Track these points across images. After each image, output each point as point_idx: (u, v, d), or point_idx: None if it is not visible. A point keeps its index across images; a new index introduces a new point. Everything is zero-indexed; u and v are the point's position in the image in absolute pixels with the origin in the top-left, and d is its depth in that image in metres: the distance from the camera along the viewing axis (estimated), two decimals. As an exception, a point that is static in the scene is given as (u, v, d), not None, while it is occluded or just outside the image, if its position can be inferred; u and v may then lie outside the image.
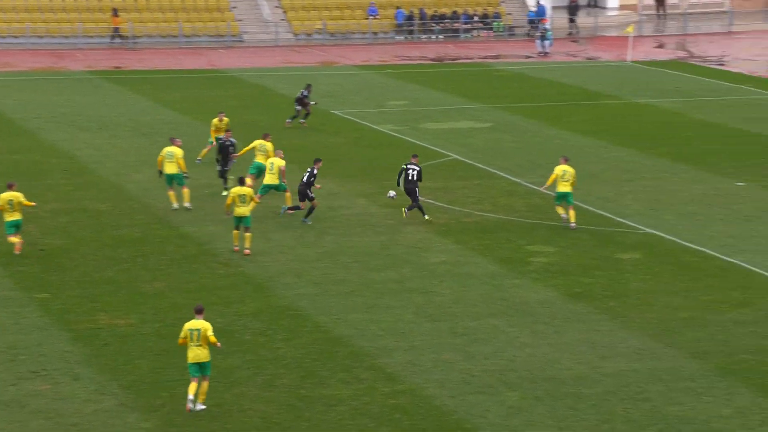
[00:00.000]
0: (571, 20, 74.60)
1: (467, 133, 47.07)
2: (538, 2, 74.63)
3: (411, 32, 73.35)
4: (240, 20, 72.41)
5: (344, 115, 50.61)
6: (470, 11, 74.42)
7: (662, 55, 67.73)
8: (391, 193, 35.25)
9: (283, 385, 23.65)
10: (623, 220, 34.73)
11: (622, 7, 80.00)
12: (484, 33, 74.08)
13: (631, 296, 28.59)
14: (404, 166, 34.83)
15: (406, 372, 24.34)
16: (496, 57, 67.26)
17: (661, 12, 79.95)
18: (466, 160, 42.35)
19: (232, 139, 37.60)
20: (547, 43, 68.01)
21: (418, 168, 34.64)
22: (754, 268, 30.31)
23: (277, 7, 73.71)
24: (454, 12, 74.18)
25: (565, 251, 31.91)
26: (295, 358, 24.98)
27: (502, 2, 75.39)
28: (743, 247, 32.03)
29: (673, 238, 32.99)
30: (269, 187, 34.85)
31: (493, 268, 30.62)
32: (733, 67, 62.81)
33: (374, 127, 48.22)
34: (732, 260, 31.04)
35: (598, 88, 56.85)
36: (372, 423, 22.17)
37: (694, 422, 22.01)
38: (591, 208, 35.97)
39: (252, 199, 31.71)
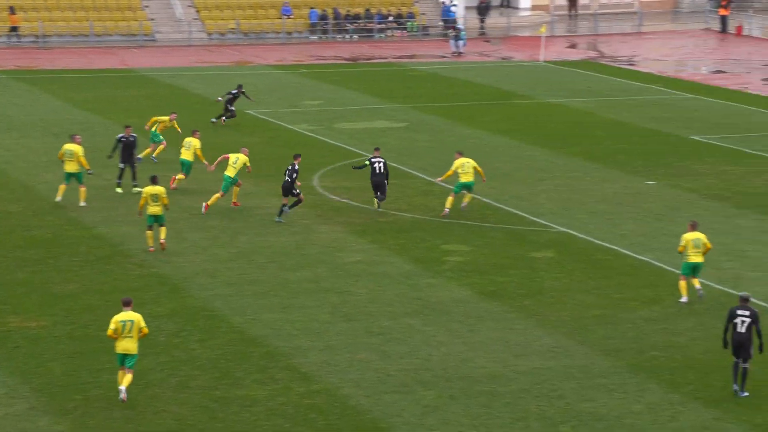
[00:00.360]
0: (481, 20, 75.04)
1: (382, 132, 47.16)
2: (451, 2, 74.98)
3: (325, 32, 73.31)
4: (152, 19, 71.84)
5: (258, 114, 50.43)
6: (384, 11, 74.55)
7: (574, 55, 68.41)
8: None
9: (198, 387, 23.51)
10: (537, 219, 35.02)
11: (534, 8, 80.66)
12: (398, 33, 74.26)
13: (545, 294, 28.84)
14: (368, 161, 35.35)
15: (322, 372, 24.32)
16: (411, 57, 67.47)
17: (573, 12, 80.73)
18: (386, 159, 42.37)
19: (133, 135, 37.46)
20: (461, 43, 68.36)
21: (383, 160, 35.32)
22: (663, 266, 30.73)
23: (189, 6, 73.24)
24: (368, 12, 74.26)
25: (480, 250, 32.11)
26: (210, 359, 24.85)
27: (416, 2, 75.62)
28: (653, 246, 32.45)
29: (586, 237, 33.34)
30: (231, 181, 35.19)
31: (409, 268, 30.71)
32: (643, 67, 63.62)
33: (289, 126, 48.12)
34: (642, 258, 31.44)
35: (512, 87, 57.27)
36: (287, 423, 22.13)
37: (606, 419, 22.26)
38: (505, 207, 36.22)
39: (163, 198, 31.59)
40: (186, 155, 37.55)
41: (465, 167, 34.88)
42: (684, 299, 28.14)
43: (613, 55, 67.75)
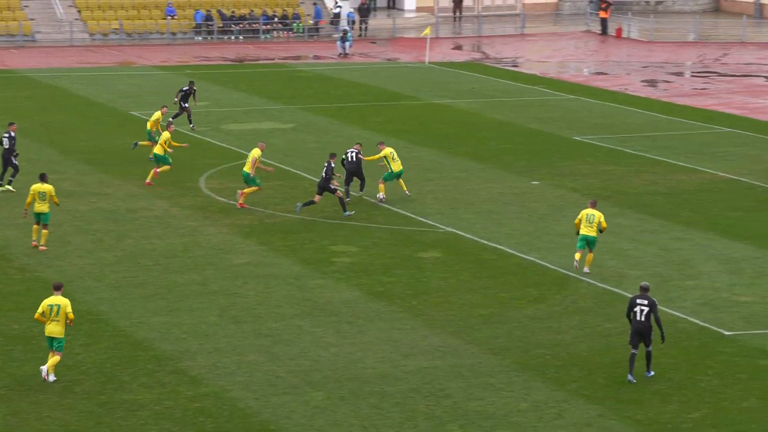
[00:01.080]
0: (363, 22, 75.26)
1: (269, 133, 47.01)
2: (336, 3, 75.08)
3: (210, 33, 72.85)
4: (32, 19, 70.71)
5: (144, 116, 49.94)
6: (269, 12, 74.34)
7: (459, 56, 68.93)
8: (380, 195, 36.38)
9: (83, 392, 23.21)
10: (424, 219, 35.23)
11: (419, 9, 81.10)
12: (284, 34, 74.11)
13: (432, 294, 29.02)
14: (345, 155, 36.34)
15: (210, 375, 24.18)
16: (297, 58, 67.38)
17: (457, 14, 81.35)
18: (269, 161, 42.28)
19: (12, 132, 36.98)
20: (347, 44, 68.47)
21: (356, 150, 36.39)
22: (548, 265, 31.12)
23: (71, 6, 72.24)
24: (253, 13, 73.97)
25: (368, 251, 32.20)
26: (95, 364, 24.54)
27: (302, 3, 75.54)
28: (538, 245, 32.85)
29: (472, 237, 33.62)
30: (245, 176, 35.77)
31: (297, 269, 30.67)
32: (527, 69, 64.36)
33: (175, 128, 47.67)
34: (528, 257, 31.81)
35: (398, 88, 57.51)
36: (175, 427, 21.95)
37: (493, 417, 22.47)
38: (392, 208, 36.36)
39: (52, 196, 31.28)
40: (158, 149, 38.27)
41: (395, 156, 36.24)
42: (576, 264, 29.80)
43: (497, 56, 68.42)
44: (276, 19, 74.22)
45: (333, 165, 34.90)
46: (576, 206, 36.69)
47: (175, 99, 47.82)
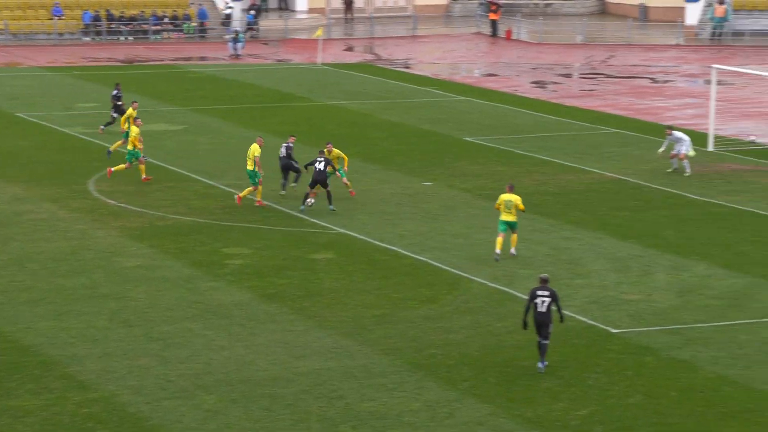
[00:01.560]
0: (248, 23, 74.97)
1: (160, 135, 46.60)
2: (227, 4, 74.68)
3: (99, 33, 71.99)
4: None
5: (30, 117, 49.17)
6: (159, 12, 73.69)
7: (351, 57, 69.00)
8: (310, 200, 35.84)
9: (-30, 399, 22.78)
10: (316, 221, 35.18)
11: (311, 11, 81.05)
12: (174, 35, 73.52)
13: (325, 296, 29.01)
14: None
15: (100, 379, 23.88)
16: (188, 59, 66.88)
17: (349, 16, 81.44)
18: (160, 163, 41.91)
19: None
20: (239, 45, 68.15)
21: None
22: (441, 265, 31.29)
23: (-44, 5, 70.95)
24: (142, 13, 73.26)
25: (260, 252, 32.07)
26: (-18, 370, 24.10)
27: (192, 4, 75.01)
28: (431, 245, 33.01)
29: (365, 238, 33.67)
30: (250, 174, 36.13)
31: (189, 272, 30.43)
32: (418, 70, 64.66)
33: (62, 129, 47.08)
34: (421, 258, 31.94)
35: (291, 89, 57.39)
36: (64, 433, 21.65)
37: (386, 417, 22.53)
38: (284, 209, 36.27)
39: None
40: (129, 146, 38.65)
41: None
42: (498, 252, 30.96)
43: (389, 58, 68.63)
44: (166, 20, 73.59)
45: (324, 159, 35.52)
46: (468, 207, 36.96)
47: (114, 113, 46.65)
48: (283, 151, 37.43)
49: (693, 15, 73.51)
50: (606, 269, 31.05)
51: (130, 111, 41.95)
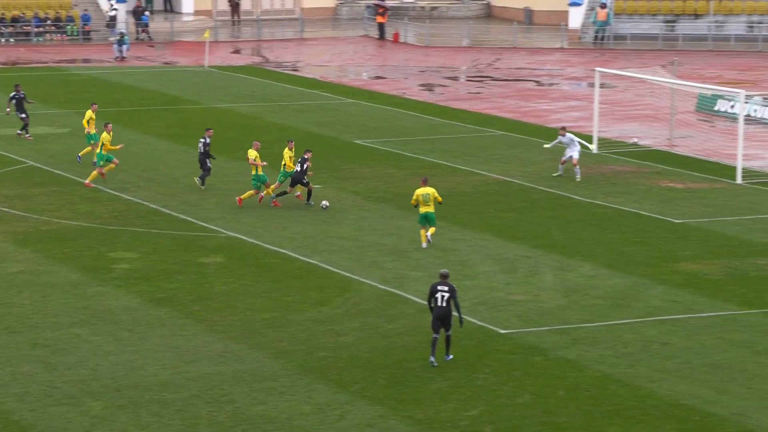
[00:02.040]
0: (138, 24, 74.37)
1: (44, 138, 45.93)
2: (112, 6, 73.91)
3: (-19, 35, 70.73)
4: None
5: None
6: (41, 14, 72.61)
7: (239, 60, 68.73)
8: (325, 202, 36.63)
9: None
10: (206, 224, 34.99)
11: (197, 13, 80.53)
12: (57, 37, 72.51)
13: (215, 300, 28.86)
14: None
15: (-15, 387, 23.48)
16: (72, 61, 66.02)
17: (236, 18, 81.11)
18: (44, 167, 41.32)
19: None
20: (124, 47, 67.47)
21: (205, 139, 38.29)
22: (331, 268, 31.33)
23: None
24: (24, 15, 72.13)
25: (149, 257, 31.79)
26: None
27: (75, 6, 74.04)
28: (321, 248, 33.04)
29: (255, 241, 33.57)
30: (254, 178, 36.98)
31: (75, 277, 30.05)
32: (307, 73, 64.64)
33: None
34: (310, 260, 31.95)
35: (178, 92, 56.96)
36: (-52, 443, 21.25)
37: (276, 421, 22.50)
38: (173, 213, 36.00)
39: None
40: (101, 150, 38.70)
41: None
42: (424, 245, 32.44)
43: (277, 60, 68.49)
44: (49, 22, 72.54)
45: (308, 160, 36.23)
46: (358, 209, 37.06)
47: (7, 110, 46.03)
48: (201, 146, 38.51)
49: (576, 19, 74.58)
50: (494, 270, 31.36)
51: (89, 113, 41.45)
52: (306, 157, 36.58)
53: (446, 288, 24.69)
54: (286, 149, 37.27)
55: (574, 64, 67.70)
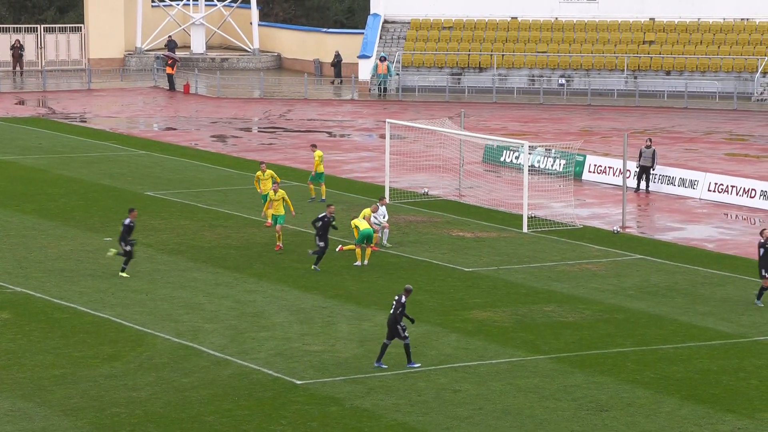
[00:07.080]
0: None
1: None
2: None
3: None
4: None
5: None
6: None
7: (23, 111, 67.22)
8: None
9: None
10: (-9, 280, 33.97)
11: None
12: None
13: (1, 357, 27.97)
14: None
15: None
16: None
17: (19, 69, 79.41)
18: None
19: None
20: None
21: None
22: (123, 322, 30.77)
23: None
24: None
25: (-70, 314, 30.62)
26: None
27: None
28: (112, 302, 32.43)
29: (43, 296, 32.73)
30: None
31: None
32: (96, 124, 63.65)
33: None
34: (102, 315, 31.31)
35: (-40, 144, 55.32)
36: None
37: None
38: (-44, 269, 34.81)
39: None
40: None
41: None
42: (358, 263, 36.02)
43: (64, 112, 67.26)
44: None
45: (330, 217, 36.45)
46: (150, 262, 36.51)
47: None
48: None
49: (365, 71, 75.57)
50: (290, 321, 31.31)
51: None
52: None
53: (397, 298, 27.52)
54: (365, 213, 37.75)
55: (365, 116, 68.52)
